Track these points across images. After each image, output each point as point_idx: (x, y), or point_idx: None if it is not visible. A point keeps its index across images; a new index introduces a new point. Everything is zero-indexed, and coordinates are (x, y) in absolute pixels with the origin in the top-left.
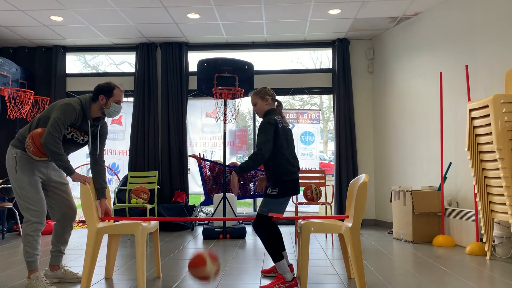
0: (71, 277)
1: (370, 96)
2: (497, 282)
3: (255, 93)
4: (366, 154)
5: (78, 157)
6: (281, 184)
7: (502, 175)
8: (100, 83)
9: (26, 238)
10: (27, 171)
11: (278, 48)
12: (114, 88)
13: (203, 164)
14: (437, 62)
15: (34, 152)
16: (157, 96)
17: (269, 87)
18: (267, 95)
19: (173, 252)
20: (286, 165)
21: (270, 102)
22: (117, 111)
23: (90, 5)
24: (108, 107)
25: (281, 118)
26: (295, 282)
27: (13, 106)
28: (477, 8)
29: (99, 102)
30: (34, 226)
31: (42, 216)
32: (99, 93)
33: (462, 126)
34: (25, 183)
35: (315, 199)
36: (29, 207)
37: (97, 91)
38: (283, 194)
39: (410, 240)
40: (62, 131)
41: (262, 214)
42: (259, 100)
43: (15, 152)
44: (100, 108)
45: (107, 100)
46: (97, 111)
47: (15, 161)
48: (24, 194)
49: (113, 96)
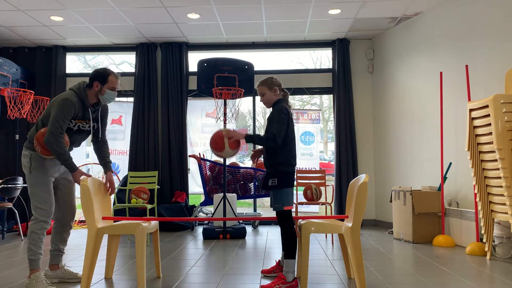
0: (71, 277)
1: (370, 96)
2: (497, 282)
3: (262, 82)
4: (366, 154)
5: (78, 157)
6: (280, 174)
7: (502, 175)
8: (97, 68)
9: (31, 236)
10: (40, 171)
11: (278, 48)
12: (109, 74)
13: (203, 164)
14: (437, 62)
15: (42, 152)
16: (157, 96)
17: (275, 77)
18: (275, 86)
19: (173, 252)
20: (288, 157)
21: (278, 94)
22: (112, 97)
23: (90, 5)
24: (103, 93)
25: (289, 109)
26: (296, 283)
27: (13, 106)
28: (477, 8)
29: (94, 89)
30: (40, 225)
31: (49, 215)
32: (94, 80)
33: (462, 126)
34: (37, 182)
35: (315, 199)
36: (38, 206)
37: (92, 78)
38: (282, 184)
39: (410, 240)
40: (63, 127)
41: (280, 211)
42: (267, 91)
43: (29, 154)
44: (95, 94)
45: (101, 87)
46: (93, 97)
47: (30, 162)
48: (34, 193)
49: (107, 83)
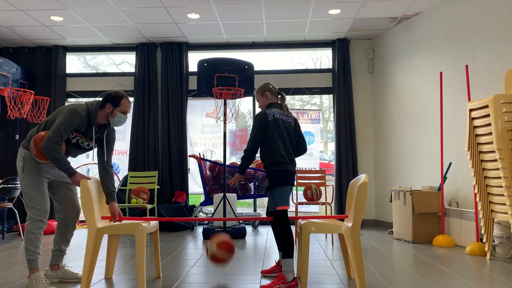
0: (71, 277)
1: (370, 96)
2: (497, 282)
3: (256, 91)
4: (366, 154)
5: (78, 157)
6: (271, 174)
7: (502, 175)
8: (110, 91)
9: (28, 236)
10: (33, 171)
11: (278, 48)
12: (122, 98)
13: (203, 164)
14: (437, 62)
15: (36, 155)
16: (157, 96)
17: (271, 83)
18: (266, 91)
19: (173, 252)
20: (275, 156)
21: (270, 97)
22: (122, 121)
23: (90, 5)
24: (114, 116)
25: (276, 111)
26: (295, 283)
27: (13, 106)
28: (477, 8)
29: (105, 110)
30: (36, 224)
31: (44, 215)
32: (107, 102)
33: (462, 126)
34: (30, 182)
35: (315, 199)
36: (33, 205)
37: (105, 99)
38: (274, 184)
39: (410, 240)
40: (63, 137)
41: (273, 211)
42: (260, 97)
43: (23, 153)
44: (106, 116)
45: (113, 109)
46: (103, 119)
47: (23, 161)
48: (28, 193)
49: (120, 106)
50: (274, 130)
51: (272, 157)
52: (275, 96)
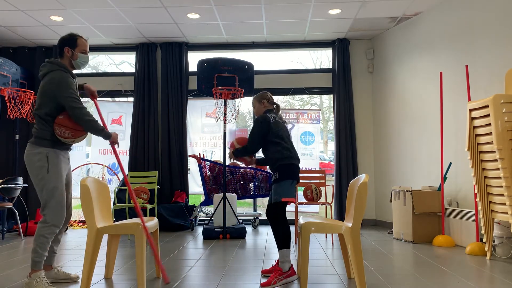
0: (63, 277)
1: (370, 96)
2: (497, 282)
3: (254, 97)
4: (366, 154)
5: (78, 157)
6: (280, 168)
7: (502, 175)
8: (63, 35)
9: (39, 239)
10: (58, 172)
11: (278, 48)
12: (77, 37)
13: (203, 164)
14: (437, 62)
15: (73, 134)
16: (157, 96)
17: (268, 93)
18: (264, 99)
19: (173, 252)
20: (283, 151)
21: (267, 105)
22: (86, 61)
23: (90, 5)
24: (76, 58)
25: (275, 115)
26: (292, 271)
27: (13, 106)
28: (477, 8)
29: (66, 56)
30: (51, 229)
31: (61, 221)
32: (64, 46)
33: (462, 126)
34: (56, 183)
35: (315, 199)
36: (53, 209)
37: (61, 45)
38: (283, 177)
39: (410, 240)
40: (79, 99)
41: (276, 202)
42: (257, 103)
43: (45, 151)
44: (69, 62)
45: (73, 52)
46: (68, 66)
47: (47, 161)
48: (52, 196)
49: (78, 46)
50: (279, 129)
51: (280, 153)
52: (271, 105)
